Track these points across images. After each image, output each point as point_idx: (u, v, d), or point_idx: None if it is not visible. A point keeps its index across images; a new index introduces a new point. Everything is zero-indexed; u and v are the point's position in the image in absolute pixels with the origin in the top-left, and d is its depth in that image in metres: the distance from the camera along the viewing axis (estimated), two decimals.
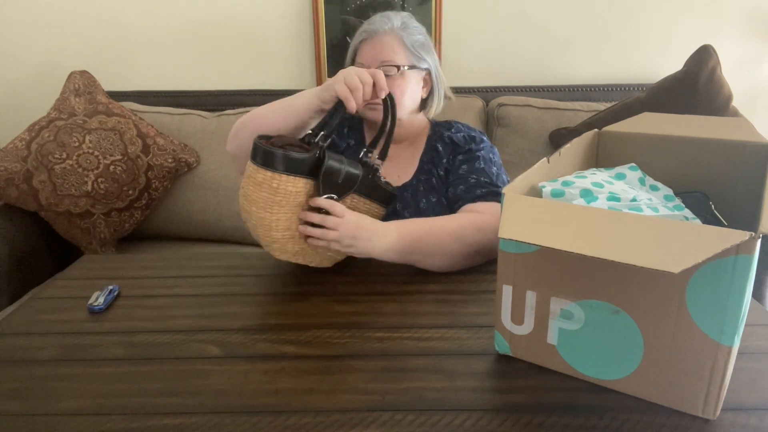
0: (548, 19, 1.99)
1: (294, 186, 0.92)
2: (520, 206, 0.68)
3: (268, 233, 0.95)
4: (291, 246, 0.97)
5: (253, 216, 0.94)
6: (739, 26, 1.98)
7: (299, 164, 0.91)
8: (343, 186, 0.96)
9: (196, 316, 0.91)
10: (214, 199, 1.85)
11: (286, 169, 0.91)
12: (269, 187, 0.91)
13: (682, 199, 0.87)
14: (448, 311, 0.91)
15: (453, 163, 1.21)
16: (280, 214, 0.93)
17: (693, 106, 1.66)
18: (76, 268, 1.11)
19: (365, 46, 1.18)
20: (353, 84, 0.96)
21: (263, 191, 0.92)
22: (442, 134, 1.24)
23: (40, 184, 1.73)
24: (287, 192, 0.92)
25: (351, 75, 0.96)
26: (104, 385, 0.74)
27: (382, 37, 1.17)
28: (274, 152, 0.89)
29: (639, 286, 0.66)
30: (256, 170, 0.91)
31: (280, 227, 0.94)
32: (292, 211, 0.94)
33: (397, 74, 1.16)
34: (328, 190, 0.95)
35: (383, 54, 1.16)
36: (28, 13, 2.01)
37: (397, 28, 1.18)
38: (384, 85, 0.99)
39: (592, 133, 0.98)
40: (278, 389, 0.73)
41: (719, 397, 0.65)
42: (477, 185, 1.13)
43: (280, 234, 0.95)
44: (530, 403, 0.70)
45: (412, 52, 1.18)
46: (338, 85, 0.96)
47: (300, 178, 0.92)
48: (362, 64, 1.17)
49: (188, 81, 2.07)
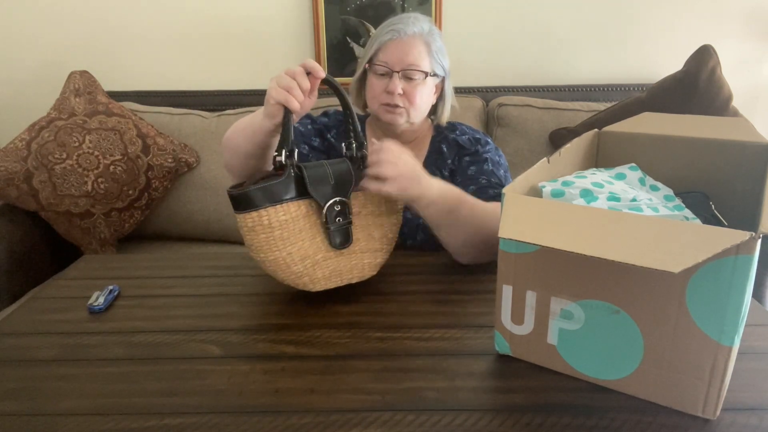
0: (548, 19, 1.99)
1: (286, 213, 0.87)
2: (520, 206, 0.68)
3: (289, 271, 0.90)
4: (320, 272, 0.92)
5: (267, 263, 0.90)
6: (739, 26, 1.98)
7: (278, 189, 0.87)
8: (341, 185, 0.91)
9: (196, 316, 0.91)
10: (214, 199, 1.85)
11: (268, 200, 0.86)
12: (262, 226, 0.86)
13: (682, 199, 0.87)
14: (448, 311, 0.91)
15: (459, 164, 1.21)
16: (289, 248, 0.89)
17: (693, 106, 1.66)
18: (76, 268, 1.11)
19: (392, 45, 1.15)
20: (286, 83, 0.89)
21: (260, 234, 0.87)
22: (447, 136, 1.25)
23: (40, 184, 1.73)
24: (283, 222, 0.87)
25: (280, 76, 0.91)
26: (104, 385, 0.74)
27: (411, 40, 1.15)
28: (247, 192, 0.85)
29: (639, 286, 0.66)
30: (243, 217, 0.87)
31: (296, 260, 0.89)
32: (301, 239, 0.89)
33: (421, 79, 1.15)
34: (328, 196, 0.90)
35: (410, 57, 1.14)
36: (28, 13, 2.01)
37: (425, 32, 1.16)
38: (317, 67, 0.91)
39: (592, 133, 0.98)
40: (278, 389, 0.73)
41: (719, 397, 0.65)
42: (488, 186, 1.14)
43: (301, 266, 0.90)
44: (530, 403, 0.70)
45: (435, 59, 1.17)
46: (273, 91, 0.90)
47: (288, 203, 0.88)
48: (385, 63, 1.15)
49: (188, 81, 2.07)
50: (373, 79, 1.18)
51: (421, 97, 1.16)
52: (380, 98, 1.17)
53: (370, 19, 1.98)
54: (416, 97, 1.15)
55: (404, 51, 1.14)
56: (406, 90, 1.15)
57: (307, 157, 1.23)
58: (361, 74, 1.23)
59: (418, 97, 1.15)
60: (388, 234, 1.00)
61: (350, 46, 2.01)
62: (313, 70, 0.91)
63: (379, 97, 1.17)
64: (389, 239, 1.00)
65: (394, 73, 1.14)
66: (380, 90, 1.17)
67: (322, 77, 0.92)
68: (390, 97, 1.15)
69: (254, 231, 0.87)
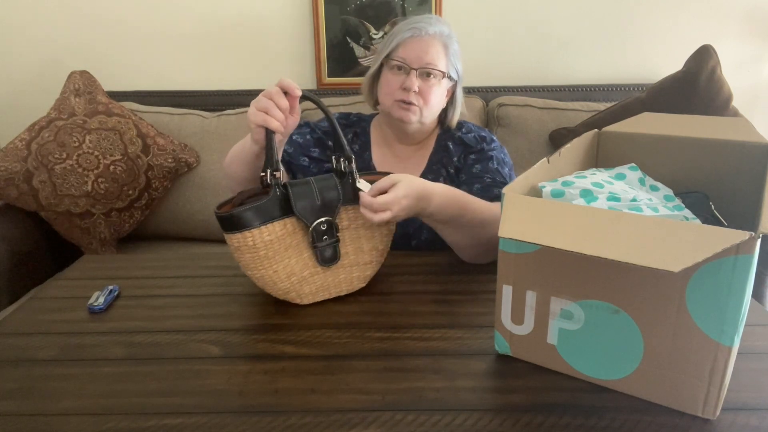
0: (548, 19, 1.99)
1: (270, 233, 0.87)
2: (520, 206, 0.68)
3: (275, 287, 0.91)
4: (307, 288, 0.93)
5: (255, 279, 0.91)
6: (739, 26, 1.98)
7: (263, 210, 0.86)
8: (328, 204, 0.91)
9: (196, 316, 0.91)
10: (214, 199, 1.85)
11: (253, 221, 0.86)
12: (247, 247, 0.87)
13: (682, 199, 0.87)
14: (448, 311, 0.91)
15: (464, 162, 1.21)
16: (275, 266, 0.89)
17: (693, 106, 1.66)
18: (76, 268, 1.11)
19: (412, 42, 1.15)
20: (263, 105, 0.90)
21: (246, 253, 0.88)
22: (453, 133, 1.25)
23: (40, 184, 1.73)
24: (267, 243, 0.87)
25: (258, 99, 0.91)
26: (104, 385, 0.74)
27: (431, 39, 1.15)
28: (232, 213, 0.85)
29: (639, 286, 0.66)
30: (229, 237, 0.87)
31: (282, 277, 0.90)
32: (287, 256, 0.90)
33: (437, 79, 1.15)
34: (314, 215, 0.90)
35: (429, 56, 1.14)
36: (28, 12, 2.01)
37: (445, 34, 1.17)
38: (292, 86, 0.91)
39: (592, 133, 0.98)
40: (278, 389, 0.73)
41: (719, 397, 0.65)
42: (493, 185, 1.14)
43: (288, 283, 0.91)
44: (530, 403, 0.70)
45: (452, 62, 1.18)
46: (251, 115, 0.90)
47: (274, 222, 0.87)
48: (403, 59, 1.15)
49: (188, 81, 2.07)
50: (389, 75, 1.17)
51: (435, 97, 1.17)
52: (395, 94, 1.16)
53: (370, 19, 1.98)
54: (431, 96, 1.15)
55: (423, 49, 1.14)
56: (421, 88, 1.15)
57: (308, 168, 1.23)
58: (375, 70, 1.22)
59: (432, 97, 1.15)
60: (379, 246, 0.99)
61: (350, 46, 2.01)
62: (288, 89, 0.91)
63: (394, 94, 1.16)
64: (380, 251, 0.99)
65: (412, 70, 1.14)
66: (396, 86, 1.16)
67: (298, 95, 0.92)
68: (405, 94, 1.14)
69: (240, 250, 0.88)
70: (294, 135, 1.25)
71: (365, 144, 1.27)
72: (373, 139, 1.28)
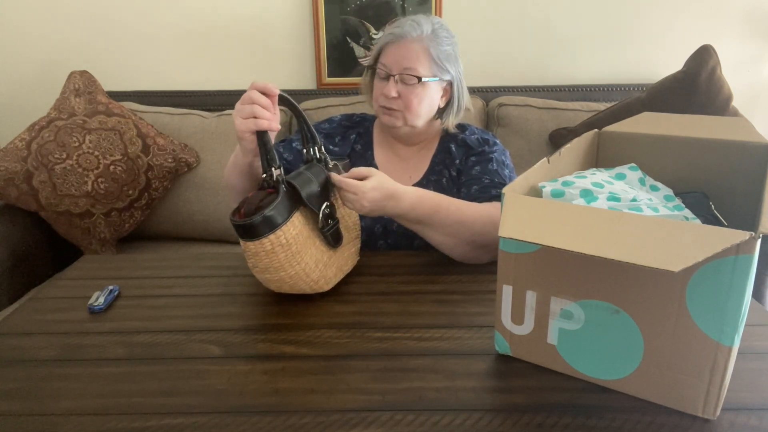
0: (548, 19, 1.99)
1: (294, 227, 0.88)
2: (520, 206, 0.68)
3: (309, 279, 0.92)
4: (329, 272, 0.96)
5: (284, 281, 0.91)
6: (739, 26, 1.98)
7: (283, 207, 0.87)
8: (324, 189, 0.95)
9: (196, 316, 0.91)
10: (214, 199, 1.85)
11: (281, 220, 0.87)
12: (281, 246, 0.87)
13: (682, 199, 0.87)
14: (448, 311, 0.91)
15: (466, 163, 1.21)
16: (306, 258, 0.90)
17: (693, 106, 1.66)
18: (76, 268, 1.11)
19: (391, 48, 1.16)
20: (248, 112, 0.90)
21: (280, 253, 0.87)
22: (456, 136, 1.25)
23: (40, 184, 1.73)
24: (296, 236, 0.88)
25: (239, 110, 0.92)
26: (104, 385, 0.74)
27: (408, 44, 1.15)
28: (266, 216, 0.85)
29: (639, 286, 0.66)
30: (262, 242, 0.86)
31: (312, 267, 0.92)
32: (308, 246, 0.91)
33: (417, 84, 1.15)
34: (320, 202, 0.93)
35: (406, 61, 1.14)
36: (29, 12, 2.01)
37: (426, 36, 1.15)
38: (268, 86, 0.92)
39: (592, 133, 0.98)
40: (278, 389, 0.73)
41: (719, 397, 0.65)
42: (491, 186, 1.14)
43: (318, 272, 0.93)
44: (530, 403, 0.70)
45: (437, 62, 1.16)
46: (241, 125, 0.91)
47: (292, 217, 0.89)
48: (385, 66, 1.16)
49: (188, 81, 2.07)
50: (376, 81, 1.20)
51: (419, 101, 1.16)
52: (379, 100, 1.18)
53: (370, 19, 1.98)
54: (412, 101, 1.15)
55: (401, 55, 1.15)
56: (402, 93, 1.15)
57: None
58: (370, 76, 1.24)
59: (414, 101, 1.15)
60: (356, 220, 1.07)
61: (350, 46, 2.01)
62: (264, 89, 0.92)
63: (378, 99, 1.18)
64: (357, 224, 1.07)
65: (391, 77, 1.15)
66: (379, 92, 1.18)
67: (276, 93, 0.93)
68: (386, 101, 1.16)
69: (274, 252, 0.87)
70: (294, 142, 1.25)
71: (368, 144, 1.27)
72: (376, 139, 1.28)
